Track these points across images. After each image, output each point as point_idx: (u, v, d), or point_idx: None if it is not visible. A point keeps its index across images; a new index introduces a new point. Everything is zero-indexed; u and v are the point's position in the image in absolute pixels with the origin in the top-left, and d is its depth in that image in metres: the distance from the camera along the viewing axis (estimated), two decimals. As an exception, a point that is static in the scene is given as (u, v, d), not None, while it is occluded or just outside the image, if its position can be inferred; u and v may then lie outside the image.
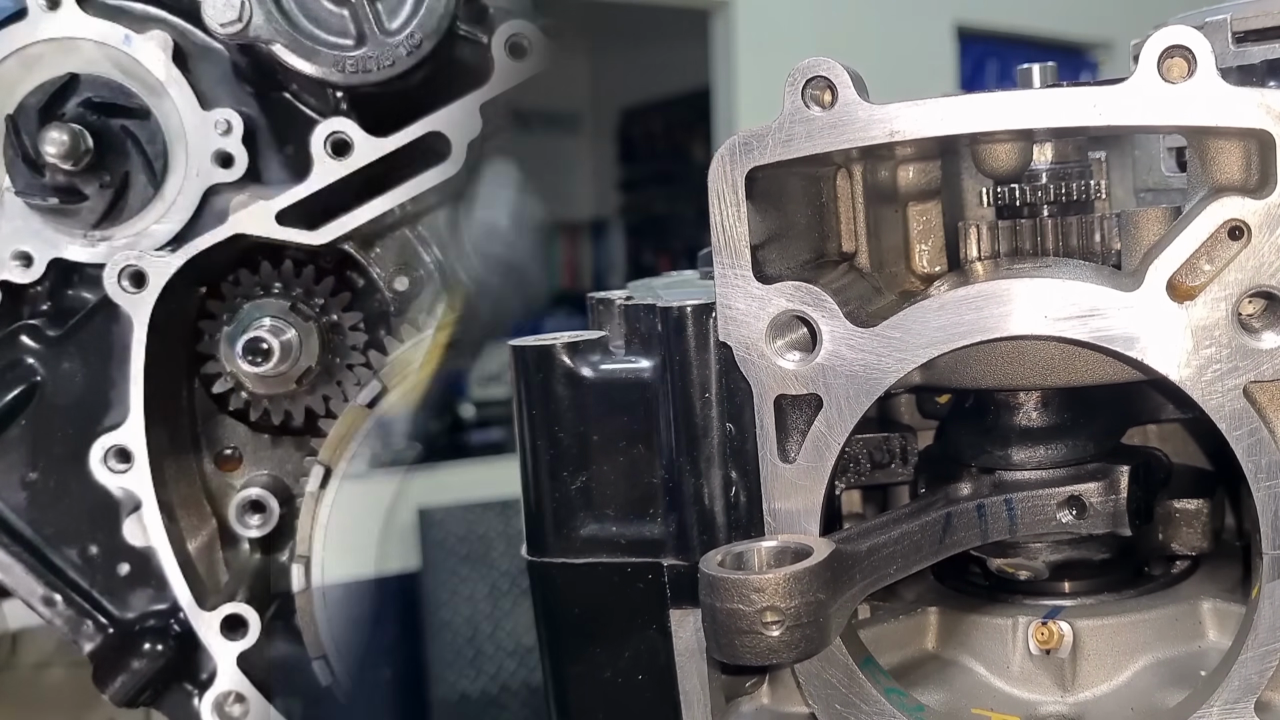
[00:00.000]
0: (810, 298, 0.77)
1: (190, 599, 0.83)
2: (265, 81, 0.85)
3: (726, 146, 0.77)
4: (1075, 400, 0.87)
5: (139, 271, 0.81)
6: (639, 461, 0.83)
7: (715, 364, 0.80)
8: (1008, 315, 0.74)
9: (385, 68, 0.80)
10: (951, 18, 6.08)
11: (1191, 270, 0.72)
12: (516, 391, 0.87)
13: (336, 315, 0.86)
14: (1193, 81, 0.70)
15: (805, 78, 0.75)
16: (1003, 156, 0.84)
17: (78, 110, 0.84)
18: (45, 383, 0.86)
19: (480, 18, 0.84)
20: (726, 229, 0.77)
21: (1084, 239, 0.85)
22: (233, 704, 0.82)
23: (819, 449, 0.78)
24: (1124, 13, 3.80)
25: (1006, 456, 0.88)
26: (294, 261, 0.86)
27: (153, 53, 0.84)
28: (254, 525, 0.85)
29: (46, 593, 0.85)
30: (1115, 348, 0.73)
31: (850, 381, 0.77)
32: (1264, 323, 0.72)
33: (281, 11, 0.81)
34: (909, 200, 0.93)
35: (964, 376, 0.83)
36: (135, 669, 0.83)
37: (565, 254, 7.87)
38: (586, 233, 7.91)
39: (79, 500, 0.85)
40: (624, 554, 0.83)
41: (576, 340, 0.85)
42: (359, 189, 0.82)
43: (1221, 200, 0.71)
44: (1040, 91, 0.76)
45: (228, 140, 0.84)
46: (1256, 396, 0.72)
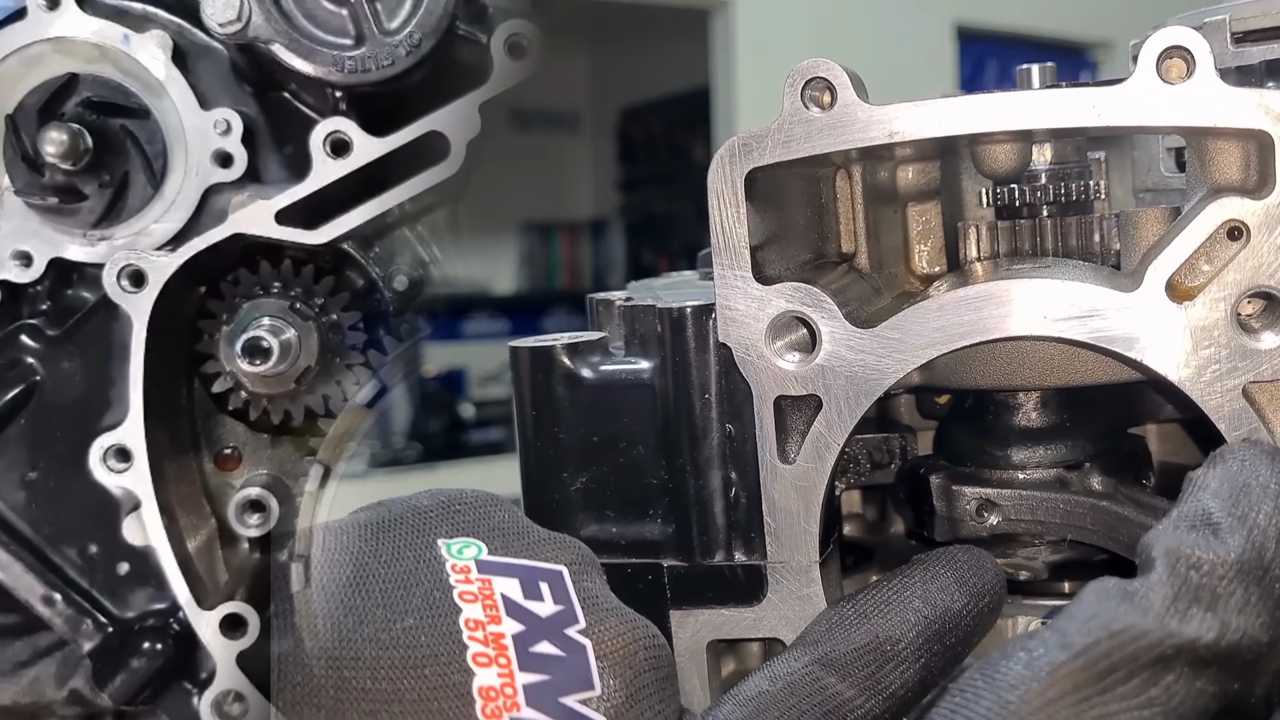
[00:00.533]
0: (810, 298, 0.77)
1: (189, 598, 0.83)
2: (264, 81, 0.85)
3: (726, 147, 0.77)
4: (1074, 401, 0.88)
5: (138, 271, 0.81)
6: (639, 462, 0.83)
7: (715, 365, 0.80)
8: (1007, 316, 0.75)
9: (384, 67, 0.80)
10: (951, 18, 6.09)
11: (1191, 271, 0.73)
12: (516, 392, 0.87)
13: (336, 315, 0.86)
14: (1191, 82, 0.70)
15: (804, 79, 0.75)
16: (1002, 157, 0.84)
17: (77, 110, 0.84)
18: (45, 382, 0.86)
19: (479, 17, 0.84)
20: (726, 230, 0.77)
21: (1083, 239, 0.85)
22: (232, 703, 0.82)
23: (819, 449, 0.78)
24: (1124, 13, 3.79)
25: (1006, 456, 0.88)
26: (293, 261, 0.86)
27: (152, 52, 0.83)
28: (253, 525, 0.84)
29: (46, 592, 0.85)
30: (1114, 348, 0.73)
31: (850, 382, 0.77)
32: (1263, 323, 0.72)
33: (281, 11, 0.81)
34: (908, 201, 0.93)
35: (963, 377, 0.83)
36: (134, 668, 0.83)
37: (565, 254, 7.87)
38: (586, 233, 7.92)
39: (78, 499, 0.85)
40: (624, 554, 0.83)
41: (576, 341, 0.85)
42: (358, 188, 0.82)
43: (1220, 201, 0.71)
44: (1039, 92, 0.76)
45: (227, 140, 0.83)
46: (1256, 397, 0.72)
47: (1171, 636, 0.58)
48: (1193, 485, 0.67)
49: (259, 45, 0.81)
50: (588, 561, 0.76)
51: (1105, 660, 0.57)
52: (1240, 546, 0.61)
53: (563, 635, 0.69)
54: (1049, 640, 0.59)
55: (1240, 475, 0.66)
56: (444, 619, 0.68)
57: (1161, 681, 0.58)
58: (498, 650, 0.67)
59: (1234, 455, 0.68)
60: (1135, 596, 0.60)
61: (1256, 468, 0.66)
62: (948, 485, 0.88)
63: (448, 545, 0.72)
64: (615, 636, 0.70)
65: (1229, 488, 0.65)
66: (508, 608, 0.69)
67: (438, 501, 0.75)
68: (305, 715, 0.66)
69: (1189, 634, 0.58)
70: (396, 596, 0.69)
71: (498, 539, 0.73)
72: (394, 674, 0.66)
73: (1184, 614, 0.59)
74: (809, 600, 0.79)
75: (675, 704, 0.72)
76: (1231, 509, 0.63)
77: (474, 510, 0.75)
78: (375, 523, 0.74)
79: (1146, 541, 0.64)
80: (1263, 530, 0.62)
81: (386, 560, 0.71)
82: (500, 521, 0.75)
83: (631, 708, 0.67)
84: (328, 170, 0.81)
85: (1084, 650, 0.58)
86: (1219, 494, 0.65)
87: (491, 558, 0.72)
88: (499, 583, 0.70)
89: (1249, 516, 0.63)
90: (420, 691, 0.65)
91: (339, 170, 0.81)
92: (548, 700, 0.65)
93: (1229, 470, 0.66)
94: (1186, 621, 0.59)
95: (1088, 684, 0.57)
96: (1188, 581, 0.60)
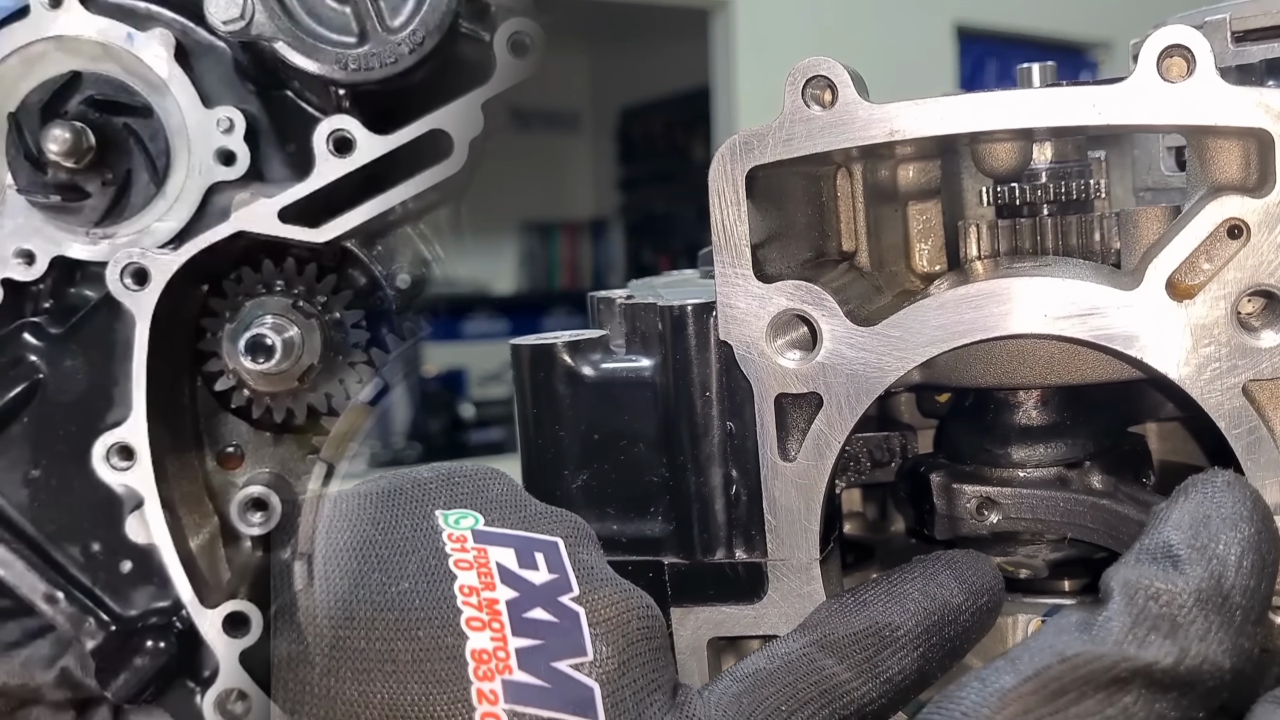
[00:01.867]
0: (810, 296, 0.77)
1: (192, 596, 0.83)
2: (267, 79, 0.85)
3: (727, 146, 0.77)
4: (1075, 399, 0.88)
5: (141, 269, 0.81)
6: (639, 460, 0.83)
7: (716, 363, 0.80)
8: (1007, 314, 0.75)
9: (388, 65, 0.80)
10: (951, 17, 6.09)
11: (1191, 269, 0.73)
12: (517, 390, 0.87)
13: (338, 313, 0.86)
14: (1192, 81, 0.70)
15: (805, 77, 0.75)
16: (1002, 156, 0.84)
17: (80, 108, 0.84)
18: (47, 380, 0.86)
19: (482, 15, 0.84)
20: (727, 228, 0.77)
21: (1083, 238, 0.85)
22: (235, 701, 0.82)
23: (819, 447, 0.78)
24: (1124, 12, 3.80)
25: (1006, 455, 0.88)
26: (296, 259, 0.86)
27: (155, 50, 0.84)
28: (256, 523, 0.85)
29: (49, 590, 0.85)
30: (1115, 346, 0.74)
31: (850, 380, 0.77)
32: (1263, 321, 0.72)
33: (284, 9, 0.81)
34: (909, 199, 0.93)
35: (964, 375, 0.83)
36: (137, 666, 0.84)
37: (565, 254, 7.88)
38: (586, 232, 7.92)
39: (81, 497, 0.85)
40: (625, 552, 0.83)
41: (577, 339, 0.85)
42: (361, 187, 0.82)
43: (1221, 199, 0.72)
44: (1040, 91, 0.76)
45: (230, 138, 0.84)
46: (1255, 395, 0.72)
47: (1127, 660, 0.59)
48: (1156, 519, 0.67)
49: (262, 43, 0.81)
50: (584, 534, 0.76)
51: (1056, 683, 0.58)
52: (1199, 577, 0.62)
53: (556, 602, 0.69)
54: (1001, 668, 0.60)
55: (1202, 507, 0.66)
56: (439, 584, 0.68)
57: (1119, 703, 0.58)
58: (491, 615, 0.67)
59: (1197, 488, 0.68)
60: (1092, 627, 0.61)
61: (1219, 499, 0.66)
62: (948, 483, 0.88)
63: (445, 515, 0.73)
64: (609, 605, 0.71)
65: (1190, 519, 0.65)
66: (502, 575, 0.69)
67: (438, 474, 0.76)
68: (300, 675, 0.66)
69: (1146, 658, 0.59)
70: (393, 562, 0.70)
71: (495, 511, 0.74)
72: (388, 636, 0.67)
73: (1142, 640, 0.59)
74: (809, 598, 0.79)
75: (669, 675, 0.72)
76: (1192, 540, 0.64)
77: (473, 483, 0.76)
78: (376, 493, 0.75)
79: (1107, 575, 0.64)
80: (1221, 559, 0.63)
81: (385, 528, 0.72)
82: (498, 494, 0.76)
83: (624, 674, 0.68)
84: (330, 168, 0.81)
85: (1034, 675, 0.58)
86: (1180, 526, 0.65)
87: (488, 528, 0.72)
88: (494, 552, 0.71)
89: (1209, 547, 0.63)
90: (414, 653, 0.66)
91: (342, 168, 0.81)
92: (540, 664, 0.66)
93: (1191, 503, 0.67)
94: (1144, 647, 0.59)
95: (1039, 705, 0.58)
96: (1145, 611, 0.61)
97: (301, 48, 0.80)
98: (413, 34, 0.80)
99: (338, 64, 0.80)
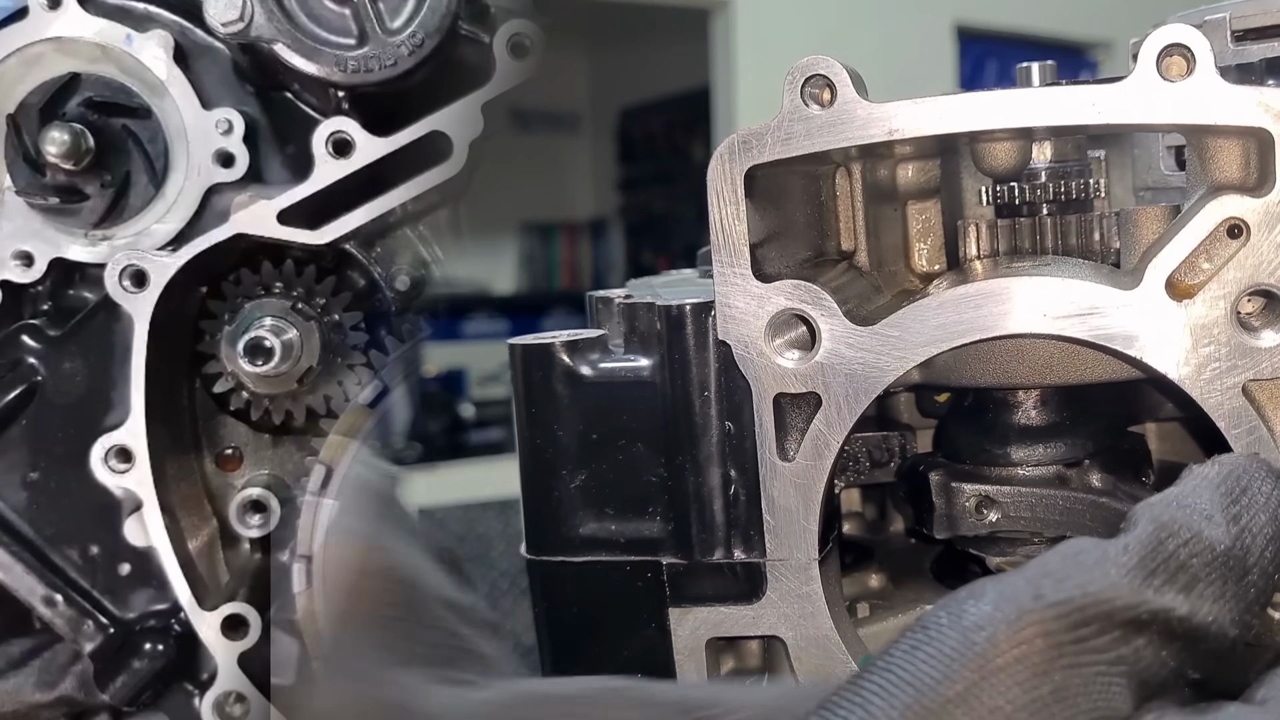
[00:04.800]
0: (809, 296, 0.77)
1: (191, 599, 0.83)
2: (266, 81, 0.85)
3: (726, 145, 0.77)
4: (1074, 399, 0.88)
5: (140, 271, 0.81)
6: (638, 460, 0.83)
7: (714, 362, 0.80)
8: (1007, 314, 0.75)
9: (387, 67, 0.80)
10: (951, 17, 6.09)
11: (1190, 268, 0.73)
12: (516, 390, 0.87)
13: (338, 315, 0.86)
14: (1192, 80, 0.70)
15: (804, 76, 0.75)
16: (1002, 155, 0.84)
17: (79, 110, 0.84)
18: (46, 382, 0.86)
19: (482, 17, 0.84)
20: (725, 228, 0.77)
21: (1083, 237, 0.85)
22: (233, 704, 0.82)
23: (818, 447, 0.78)
24: (1124, 12, 3.80)
25: (1005, 454, 0.88)
26: (295, 261, 0.86)
27: (154, 52, 0.84)
28: (254, 525, 0.85)
29: (47, 592, 0.85)
30: (1114, 346, 0.73)
31: (849, 380, 0.77)
32: (1263, 321, 0.72)
33: (283, 11, 0.81)
34: (908, 199, 0.93)
35: (963, 375, 0.83)
36: (136, 669, 0.84)
37: (564, 254, 7.87)
38: (585, 232, 7.92)
39: (80, 500, 0.85)
40: (623, 552, 0.83)
41: (576, 339, 0.85)
42: (360, 188, 0.82)
43: (1220, 199, 0.71)
44: (1039, 90, 0.76)
45: (229, 140, 0.84)
46: (1255, 395, 0.72)
47: (1146, 603, 0.58)
48: (1193, 475, 0.67)
49: (261, 45, 0.81)
50: None
51: (1079, 614, 0.57)
52: (1230, 539, 0.62)
53: None
54: (1020, 586, 0.57)
55: (1243, 479, 0.66)
56: None
57: (1133, 643, 0.58)
58: None
59: (1238, 461, 0.68)
60: (1111, 553, 0.60)
61: (1259, 478, 0.66)
62: (947, 483, 0.88)
63: None
64: None
65: (1229, 485, 0.65)
66: None
67: None
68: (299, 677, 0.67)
69: (1163, 603, 0.59)
70: None
71: None
72: None
73: (1158, 583, 0.59)
74: (808, 598, 0.79)
75: None
76: (1229, 505, 0.64)
77: None
78: None
79: (1136, 508, 0.64)
80: (1254, 535, 0.62)
81: None
82: None
83: None
84: (330, 170, 0.81)
85: (1059, 603, 0.57)
86: (1219, 487, 0.65)
87: None
88: None
89: (1243, 517, 0.63)
90: None
91: (341, 170, 0.81)
92: None
93: (1233, 471, 0.66)
94: (1160, 593, 0.59)
95: (1061, 632, 0.57)
96: (1170, 554, 0.60)
97: (301, 49, 0.80)
98: (412, 36, 0.80)
99: (337, 66, 0.80)
